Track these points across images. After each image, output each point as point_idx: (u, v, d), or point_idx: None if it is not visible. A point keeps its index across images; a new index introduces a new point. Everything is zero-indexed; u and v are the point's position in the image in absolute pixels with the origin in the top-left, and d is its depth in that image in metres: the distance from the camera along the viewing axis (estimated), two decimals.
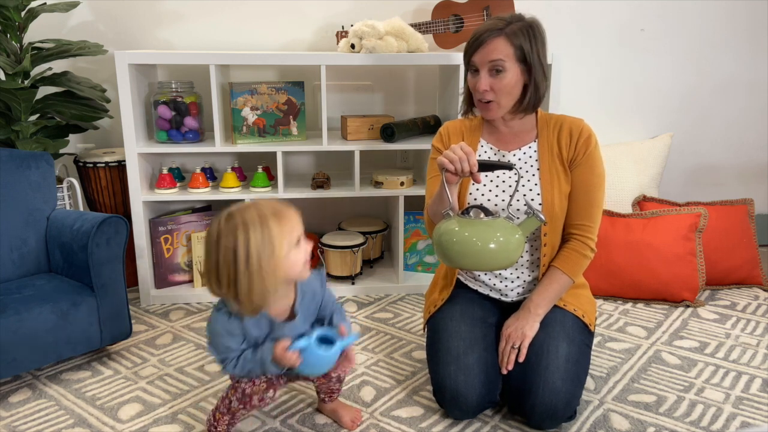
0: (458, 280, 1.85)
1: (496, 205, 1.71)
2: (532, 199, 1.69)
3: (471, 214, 1.52)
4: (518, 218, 1.68)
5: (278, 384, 1.56)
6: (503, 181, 1.74)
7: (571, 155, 1.70)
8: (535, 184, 1.70)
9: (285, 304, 1.47)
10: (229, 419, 1.56)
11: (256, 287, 1.32)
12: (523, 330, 1.65)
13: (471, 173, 1.49)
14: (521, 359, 1.63)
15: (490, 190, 1.74)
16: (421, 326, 2.22)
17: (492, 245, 1.46)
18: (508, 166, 1.56)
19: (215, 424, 1.57)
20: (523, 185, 1.71)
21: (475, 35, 1.64)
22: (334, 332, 1.46)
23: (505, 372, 1.66)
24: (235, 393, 1.52)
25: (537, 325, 1.67)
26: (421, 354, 2.07)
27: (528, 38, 1.62)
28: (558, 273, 1.70)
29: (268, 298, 1.36)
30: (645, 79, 2.94)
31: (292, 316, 1.47)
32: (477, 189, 1.74)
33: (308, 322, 1.51)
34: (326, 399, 1.72)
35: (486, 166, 1.55)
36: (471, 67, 1.67)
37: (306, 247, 1.40)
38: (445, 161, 1.49)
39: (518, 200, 1.70)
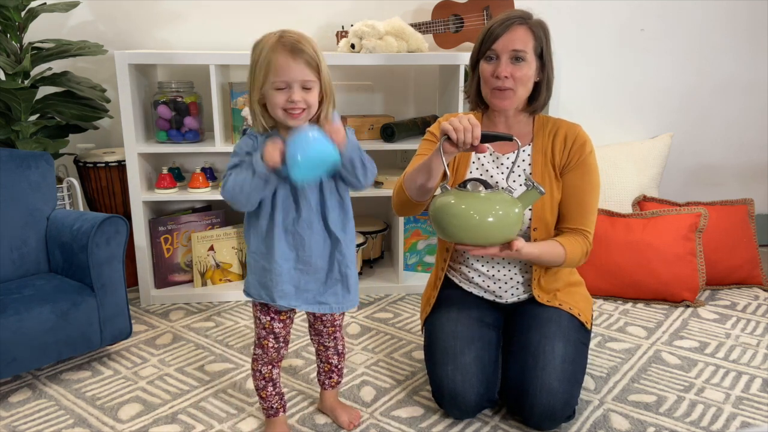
0: (453, 282, 1.84)
1: (497, 183, 1.70)
2: (515, 189, 1.68)
3: (468, 187, 1.50)
4: (516, 191, 1.66)
5: (286, 322, 1.57)
6: (502, 163, 1.73)
7: (564, 161, 1.69)
8: (520, 185, 1.70)
9: None
10: (271, 386, 1.61)
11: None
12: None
13: (473, 146, 1.47)
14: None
15: (486, 171, 1.73)
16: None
17: (490, 219, 1.44)
18: (508, 137, 1.53)
19: (267, 400, 1.62)
20: (515, 180, 1.71)
21: (493, 26, 1.62)
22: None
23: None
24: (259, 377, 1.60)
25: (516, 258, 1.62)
26: (421, 354, 2.07)
27: (544, 34, 1.65)
28: (555, 243, 1.65)
29: (259, 117, 1.41)
30: (645, 79, 2.94)
31: None
32: (476, 169, 1.73)
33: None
34: (326, 383, 1.71)
35: (486, 137, 1.51)
36: (488, 55, 1.63)
37: (293, 98, 1.36)
38: (450, 128, 1.46)
39: (519, 175, 1.70)
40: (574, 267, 1.74)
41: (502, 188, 1.54)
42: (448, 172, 1.51)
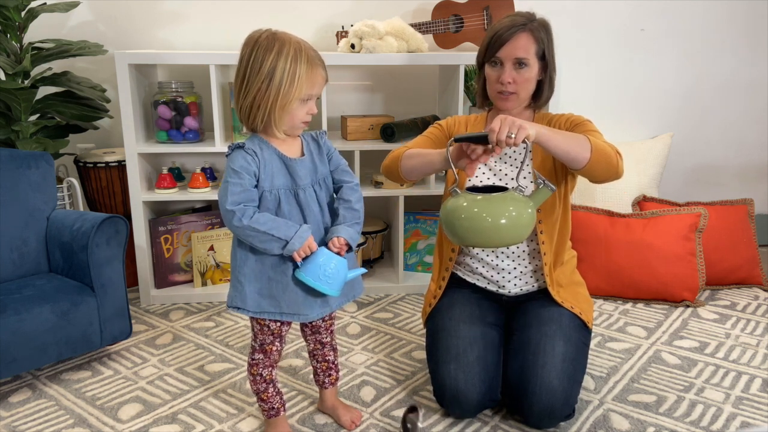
0: (457, 276, 1.85)
1: (506, 184, 1.71)
2: (526, 187, 1.69)
3: (479, 190, 1.51)
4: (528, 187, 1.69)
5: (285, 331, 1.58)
6: (506, 162, 1.75)
7: None
8: (531, 182, 1.71)
9: (295, 147, 1.51)
10: (272, 387, 1.60)
11: (268, 107, 1.39)
12: (520, 123, 1.43)
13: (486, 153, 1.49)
14: (516, 144, 1.43)
15: (492, 170, 1.74)
16: (421, 325, 2.22)
17: (503, 221, 1.44)
18: (484, 135, 1.49)
19: (269, 401, 1.61)
20: (525, 177, 1.72)
21: (499, 31, 1.68)
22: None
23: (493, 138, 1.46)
24: (258, 370, 1.58)
25: (533, 132, 1.45)
26: (421, 354, 2.07)
27: (546, 36, 1.70)
28: (581, 135, 1.56)
29: (275, 123, 1.41)
30: (645, 79, 2.94)
31: (302, 154, 1.51)
32: (479, 169, 1.75)
33: (319, 164, 1.53)
34: (326, 382, 1.71)
35: (468, 139, 1.51)
36: (493, 61, 1.71)
37: (311, 109, 1.44)
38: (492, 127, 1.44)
39: (524, 177, 1.71)
40: (608, 164, 1.56)
41: (513, 187, 1.51)
42: (456, 176, 1.53)
